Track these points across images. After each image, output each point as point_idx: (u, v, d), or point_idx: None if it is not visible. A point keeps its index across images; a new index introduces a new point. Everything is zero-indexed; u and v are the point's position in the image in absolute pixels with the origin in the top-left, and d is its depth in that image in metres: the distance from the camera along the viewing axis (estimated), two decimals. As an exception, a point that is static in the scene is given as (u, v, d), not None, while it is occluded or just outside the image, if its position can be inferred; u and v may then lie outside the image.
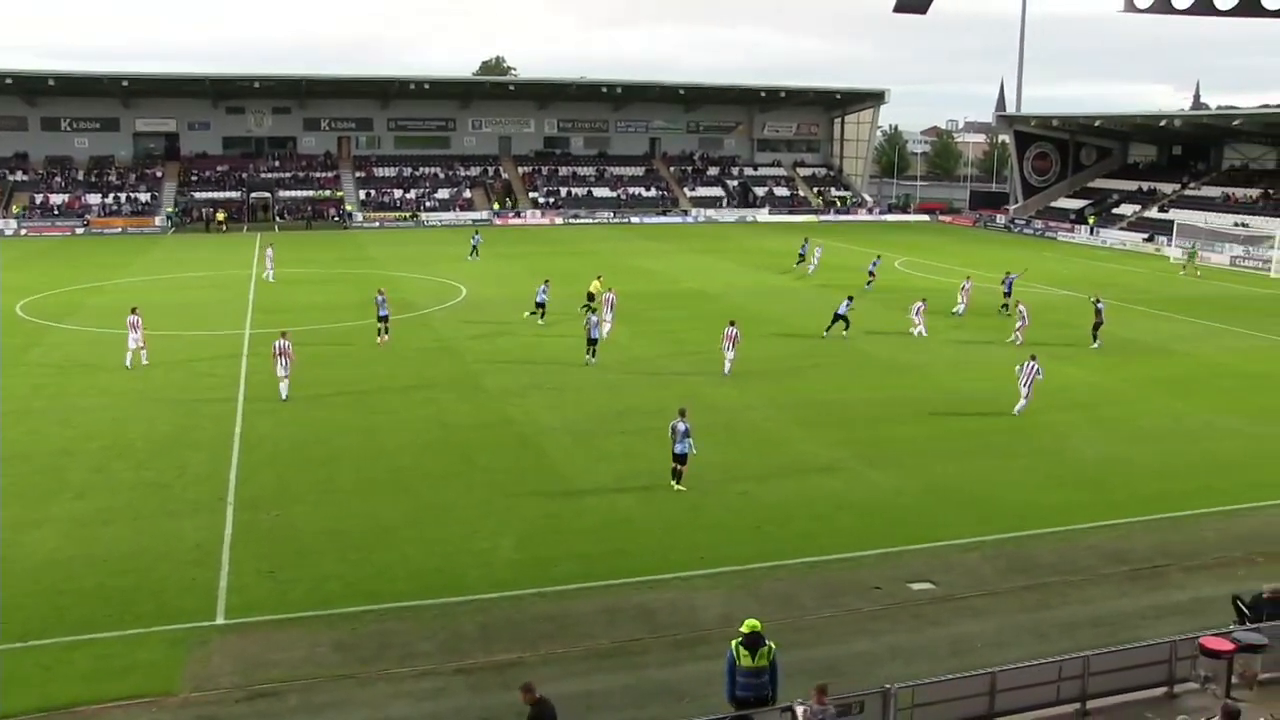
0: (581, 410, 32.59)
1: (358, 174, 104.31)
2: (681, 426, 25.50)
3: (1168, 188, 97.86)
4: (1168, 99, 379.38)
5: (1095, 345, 43.40)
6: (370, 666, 17.38)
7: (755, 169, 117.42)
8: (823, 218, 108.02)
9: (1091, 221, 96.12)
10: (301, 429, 30.30)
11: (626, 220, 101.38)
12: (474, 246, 71.47)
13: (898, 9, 13.71)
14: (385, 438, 29.60)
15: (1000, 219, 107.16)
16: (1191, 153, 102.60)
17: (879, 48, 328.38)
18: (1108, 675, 16.38)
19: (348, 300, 51.78)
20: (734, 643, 14.79)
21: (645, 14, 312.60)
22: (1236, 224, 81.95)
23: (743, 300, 53.26)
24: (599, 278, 50.72)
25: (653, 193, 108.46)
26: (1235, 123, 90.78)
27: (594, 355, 38.90)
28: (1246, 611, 18.12)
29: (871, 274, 58.91)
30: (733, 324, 37.84)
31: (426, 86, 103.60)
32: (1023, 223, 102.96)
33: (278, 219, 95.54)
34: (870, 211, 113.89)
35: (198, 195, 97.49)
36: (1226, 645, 16.41)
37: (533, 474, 26.81)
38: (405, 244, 78.30)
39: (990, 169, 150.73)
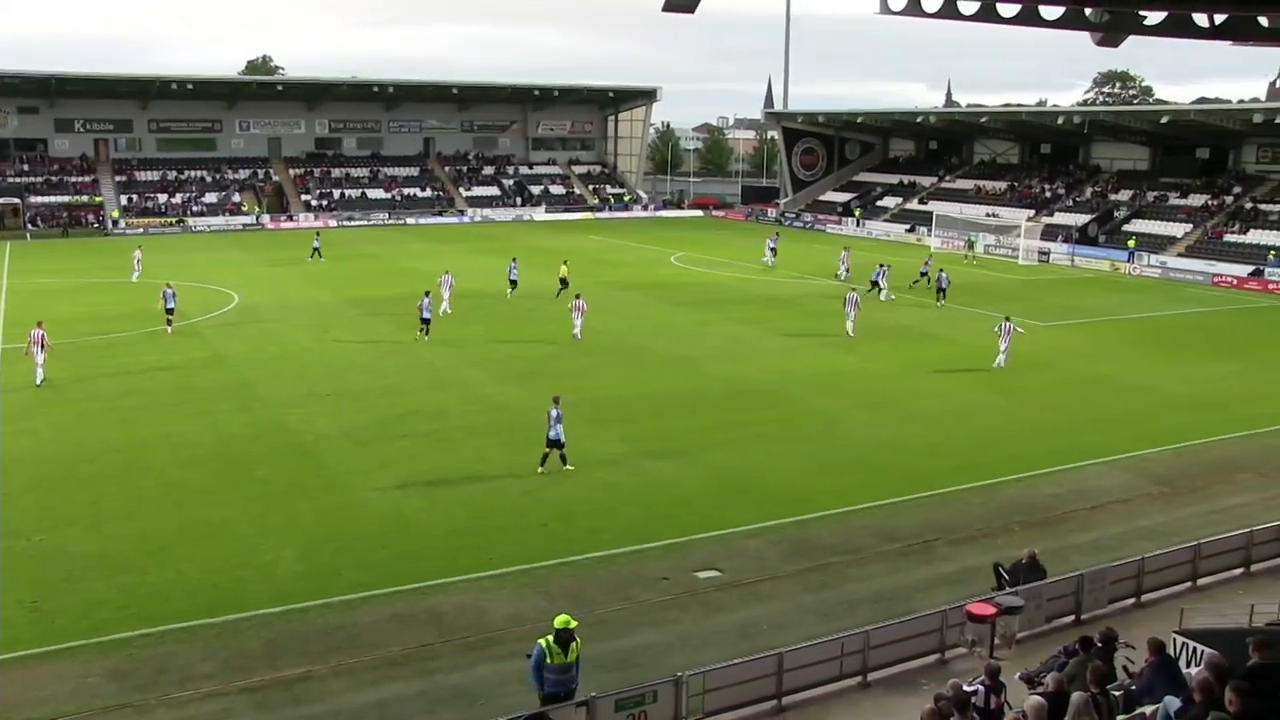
0: (361, 416, 31.94)
1: (118, 178, 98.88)
2: (554, 413, 26.53)
3: (926, 181, 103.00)
4: (922, 97, 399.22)
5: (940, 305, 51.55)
6: (148, 693, 16.59)
7: (531, 167, 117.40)
8: (599, 215, 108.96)
9: (858, 214, 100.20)
10: (64, 448, 28.62)
11: (402, 221, 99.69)
12: (315, 249, 69.88)
13: (666, 8, 13.96)
14: (155, 453, 28.27)
15: (772, 213, 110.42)
16: (946, 148, 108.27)
17: (652, 47, 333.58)
18: (886, 647, 17.23)
19: (109, 311, 49.16)
20: (546, 640, 14.75)
21: (419, 13, 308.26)
22: (988, 214, 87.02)
23: (523, 300, 53.24)
24: (565, 262, 55.47)
25: (428, 193, 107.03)
26: (983, 120, 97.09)
27: (426, 333, 42.64)
28: (1006, 577, 19.38)
29: (924, 274, 60.09)
30: (579, 296, 43.87)
31: (190, 86, 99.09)
32: (793, 216, 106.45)
33: (29, 226, 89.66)
34: (645, 208, 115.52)
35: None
36: (989, 610, 17.47)
37: (313, 483, 26.13)
38: (172, 250, 74.89)
39: (761, 164, 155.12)
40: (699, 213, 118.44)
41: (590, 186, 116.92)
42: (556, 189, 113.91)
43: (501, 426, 30.84)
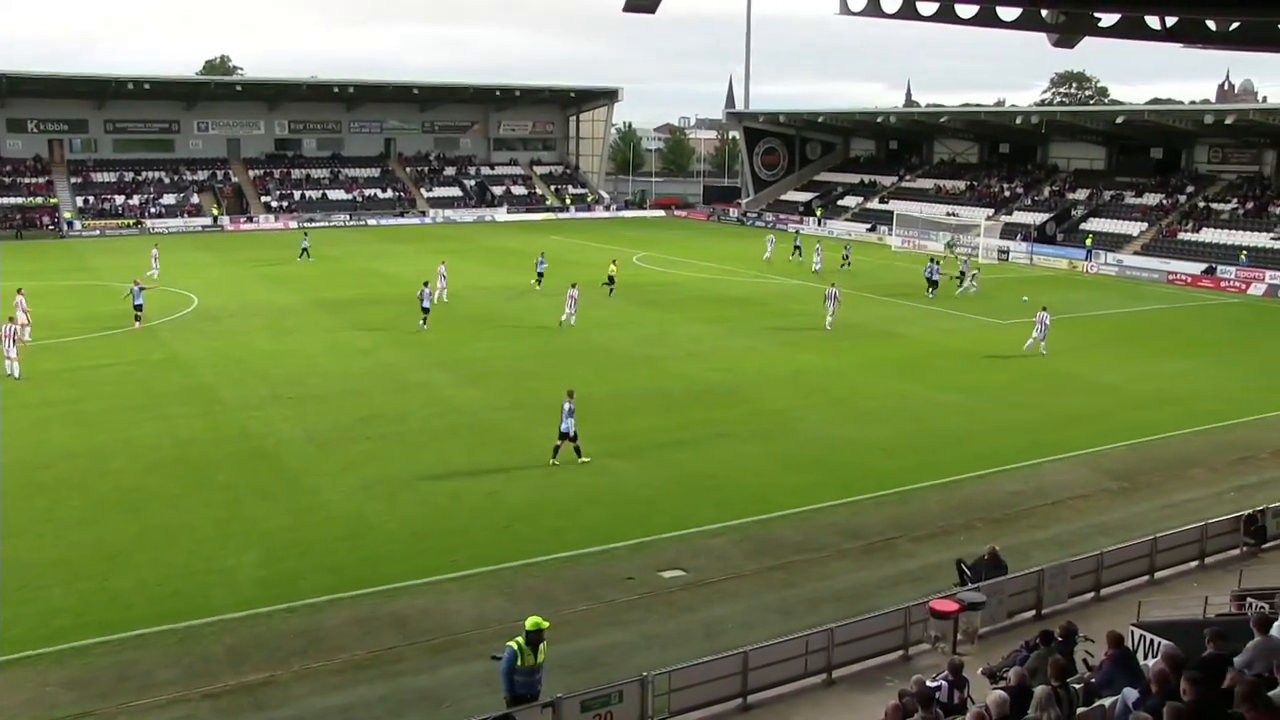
0: (323, 419, 31.73)
1: (73, 179, 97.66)
2: (567, 406, 27.27)
3: (886, 180, 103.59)
4: (882, 97, 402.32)
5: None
6: (108, 701, 16.42)
7: (492, 168, 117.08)
8: (560, 216, 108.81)
9: (819, 213, 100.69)
10: (18, 455, 28.21)
11: (363, 223, 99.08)
12: (304, 249, 70.28)
13: (627, 8, 13.93)
14: (114, 458, 27.96)
15: (733, 212, 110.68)
16: (906, 147, 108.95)
17: (613, 47, 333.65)
18: (850, 645, 17.33)
19: (67, 315, 48.54)
20: (517, 641, 14.69)
21: (380, 13, 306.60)
22: (948, 213, 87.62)
23: (485, 300, 53.14)
24: (614, 261, 56.45)
25: (389, 194, 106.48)
26: (943, 120, 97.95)
27: (425, 322, 45.17)
28: (968, 573, 19.54)
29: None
30: (574, 285, 46.11)
31: (147, 86, 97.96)
32: (754, 215, 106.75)
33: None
34: (608, 208, 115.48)
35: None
36: (952, 606, 17.61)
37: (275, 487, 25.95)
38: (129, 253, 73.98)
39: (722, 164, 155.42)
40: (661, 213, 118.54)
41: (552, 187, 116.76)
42: (518, 189, 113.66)
43: (463, 428, 30.76)
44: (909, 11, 16.39)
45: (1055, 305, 55.46)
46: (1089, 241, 76.95)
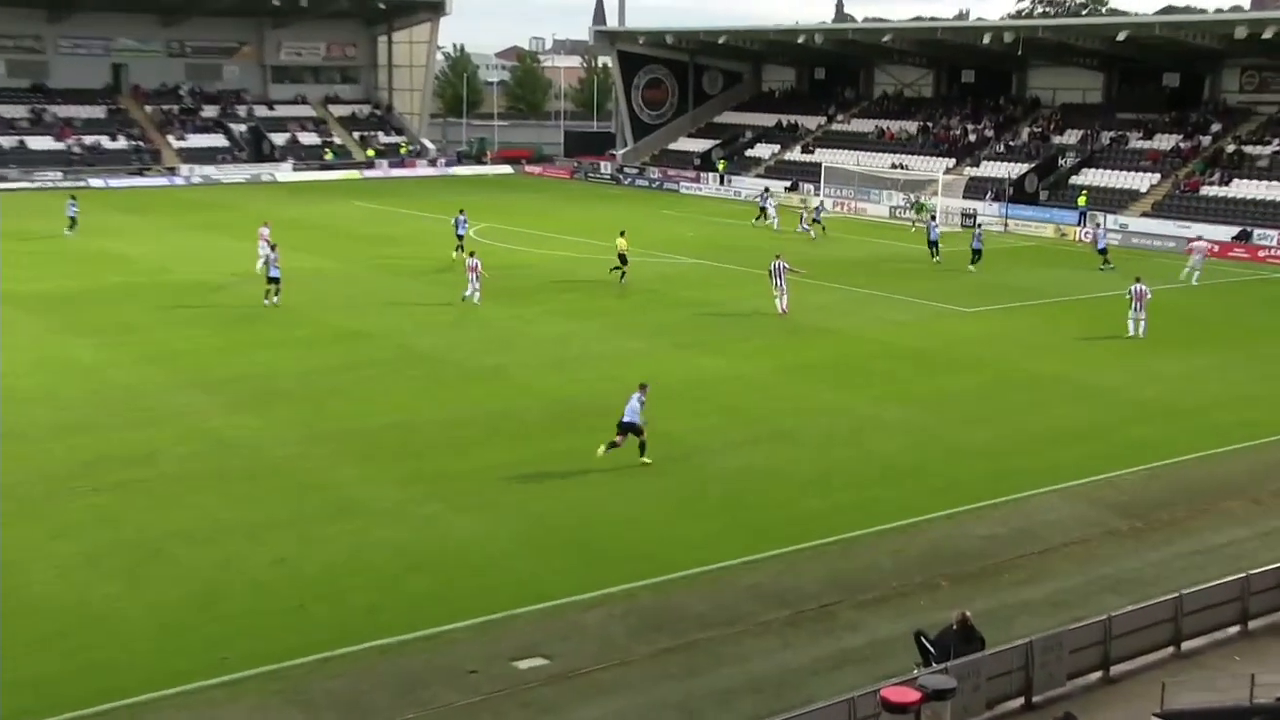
0: (27, 467, 30.56)
1: None
2: (639, 397, 30.74)
3: (811, 122, 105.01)
4: (804, 10, 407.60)
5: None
6: None
7: (271, 108, 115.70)
8: (368, 174, 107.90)
9: (722, 168, 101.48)
10: None
11: (84, 183, 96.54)
12: (71, 219, 69.67)
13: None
14: None
15: (606, 167, 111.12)
16: (837, 77, 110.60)
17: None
18: (774, 754, 17.31)
19: None
20: None
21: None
22: (894, 165, 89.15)
23: (261, 292, 52.29)
24: (622, 234, 56.80)
25: (121, 143, 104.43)
26: (886, 40, 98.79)
27: (277, 296, 49.22)
28: (931, 649, 19.71)
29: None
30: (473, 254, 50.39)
31: None
32: (635, 171, 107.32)
33: None
34: (434, 163, 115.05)
35: None
36: (911, 695, 17.71)
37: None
38: None
39: (590, 102, 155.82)
40: (507, 169, 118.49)
41: (356, 134, 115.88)
42: (308, 137, 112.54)
43: (237, 473, 30.11)
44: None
45: (1036, 287, 56.99)
46: (1082, 200, 78.85)
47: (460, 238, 61.16)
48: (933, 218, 67.75)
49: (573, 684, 20.53)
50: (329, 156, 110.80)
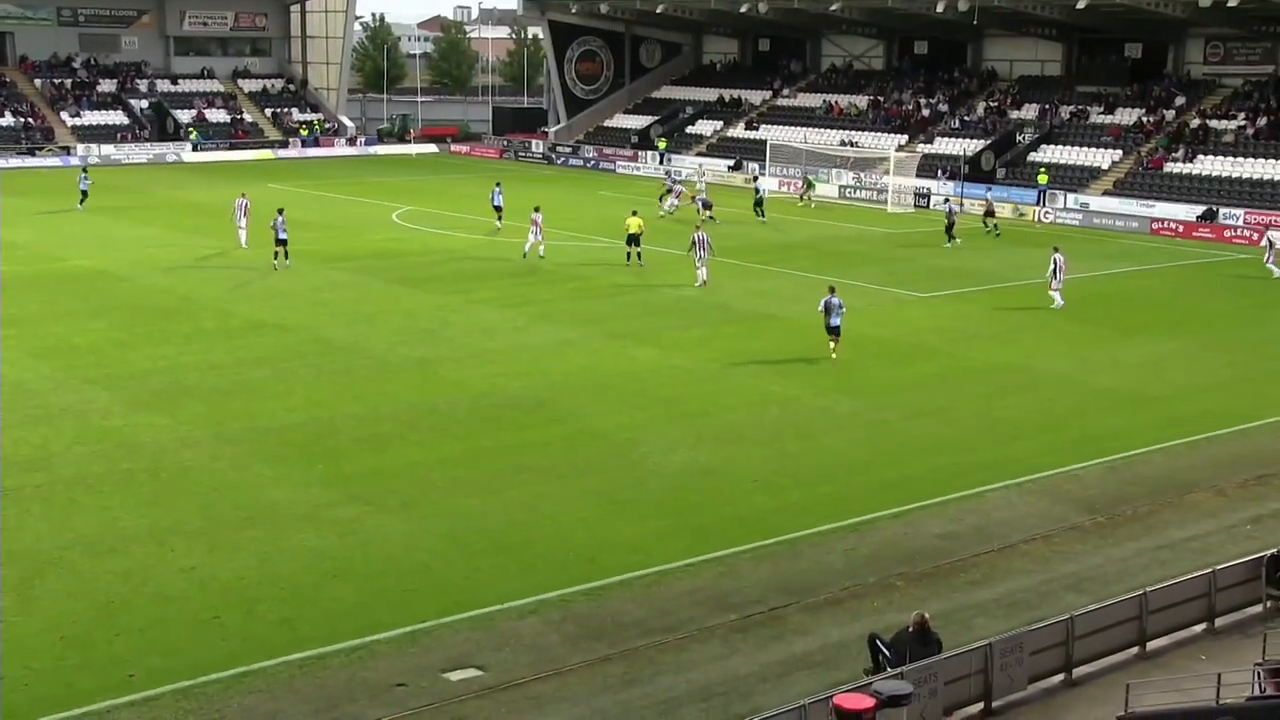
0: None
1: None
2: (835, 301, 39.69)
3: (756, 97, 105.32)
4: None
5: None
6: None
7: (175, 82, 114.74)
8: (281, 153, 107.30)
9: (663, 146, 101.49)
10: None
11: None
12: (83, 192, 71.65)
13: None
14: None
15: (538, 146, 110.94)
16: (783, 49, 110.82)
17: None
18: (719, 766, 17.40)
19: None
20: None
21: None
22: (844, 142, 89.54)
23: (165, 281, 52.02)
24: (634, 213, 57.72)
25: (8, 120, 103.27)
26: (833, 8, 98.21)
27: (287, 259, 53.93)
28: (887, 653, 19.88)
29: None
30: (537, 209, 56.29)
31: None
32: (569, 150, 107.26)
33: None
34: (352, 142, 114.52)
35: None
36: (866, 702, 17.87)
37: None
38: None
39: (519, 77, 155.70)
40: (431, 148, 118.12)
41: (268, 111, 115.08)
42: (216, 114, 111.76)
43: (141, 475, 29.88)
44: None
45: (992, 271, 57.37)
46: (1041, 178, 79.54)
47: (498, 209, 67.23)
48: (960, 204, 68.68)
49: (508, 696, 20.55)
50: (193, 136, 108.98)
